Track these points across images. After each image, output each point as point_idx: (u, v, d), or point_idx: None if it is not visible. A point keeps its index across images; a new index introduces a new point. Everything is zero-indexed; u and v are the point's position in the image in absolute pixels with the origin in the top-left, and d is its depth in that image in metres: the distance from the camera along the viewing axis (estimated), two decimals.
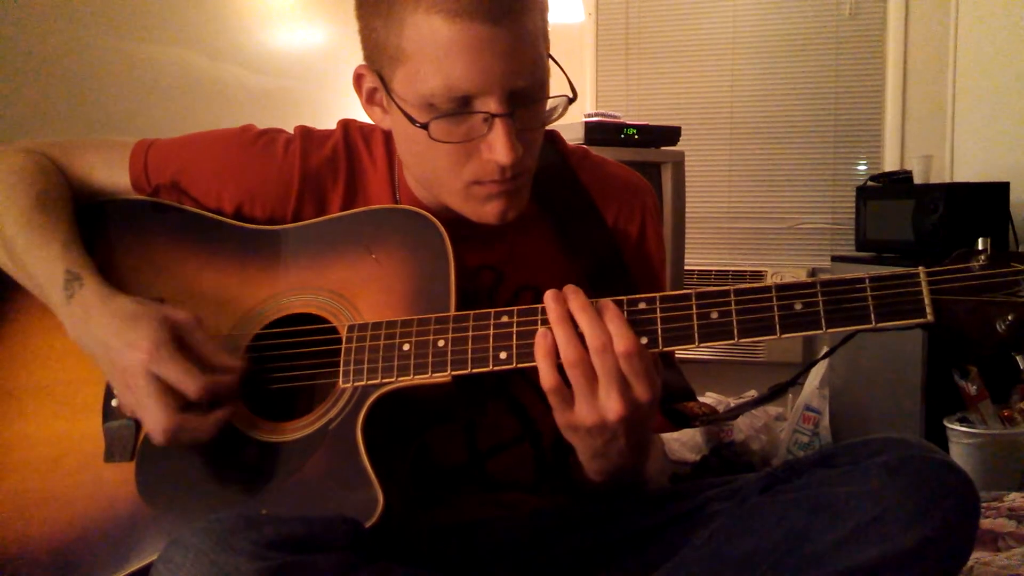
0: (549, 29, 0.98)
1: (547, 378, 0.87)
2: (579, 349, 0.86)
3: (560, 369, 0.87)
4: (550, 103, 0.97)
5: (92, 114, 2.34)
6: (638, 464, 0.97)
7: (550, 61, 0.97)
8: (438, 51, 0.88)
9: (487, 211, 0.98)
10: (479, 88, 0.90)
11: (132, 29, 2.49)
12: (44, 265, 1.01)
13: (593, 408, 0.86)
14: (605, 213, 1.11)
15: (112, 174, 1.10)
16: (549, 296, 0.89)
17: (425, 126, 0.92)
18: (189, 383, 0.91)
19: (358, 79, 1.01)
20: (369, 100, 1.02)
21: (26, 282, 1.04)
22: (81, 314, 0.98)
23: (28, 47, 2.19)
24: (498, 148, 0.91)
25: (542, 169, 1.05)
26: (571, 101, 0.97)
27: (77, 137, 1.15)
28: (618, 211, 1.12)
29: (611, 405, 0.85)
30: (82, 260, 1.01)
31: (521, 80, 0.91)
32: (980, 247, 0.82)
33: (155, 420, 0.91)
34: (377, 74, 0.97)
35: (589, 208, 1.10)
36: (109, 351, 0.95)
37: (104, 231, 1.09)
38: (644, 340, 0.87)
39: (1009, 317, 0.79)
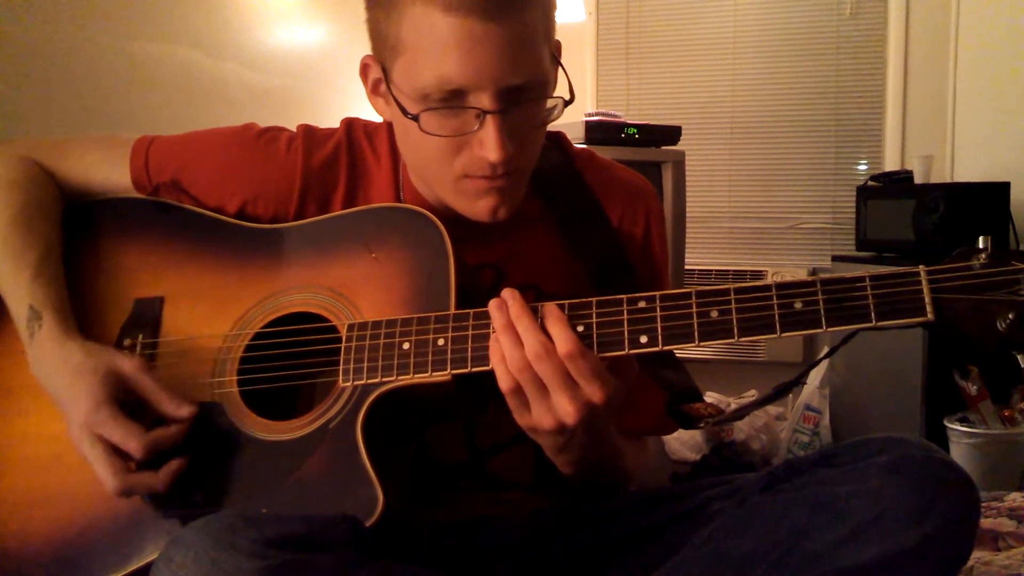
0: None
1: (502, 382, 0.88)
2: (522, 357, 0.86)
3: None
4: (551, 102, 0.96)
5: (93, 112, 2.33)
6: (604, 456, 0.98)
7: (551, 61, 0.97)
8: (434, 44, 0.89)
9: (479, 207, 0.98)
10: (471, 83, 0.89)
11: (133, 27, 2.49)
12: (12, 296, 1.01)
13: (548, 412, 0.87)
14: (610, 214, 1.11)
15: (112, 172, 1.10)
16: (492, 305, 0.90)
17: (415, 117, 0.92)
18: (130, 443, 0.92)
19: (364, 69, 1.01)
20: (374, 91, 1.02)
21: (4, 305, 1.04)
22: (39, 356, 0.99)
23: (30, 45, 2.19)
24: (488, 145, 0.91)
25: (547, 170, 1.05)
26: (567, 103, 0.97)
27: (77, 135, 1.15)
28: (622, 212, 1.12)
29: (564, 408, 0.85)
30: (45, 295, 1.01)
31: (516, 78, 0.91)
32: (981, 245, 0.82)
33: (104, 478, 0.92)
34: (381, 65, 0.97)
35: (594, 209, 1.10)
36: (58, 401, 0.96)
37: (105, 230, 1.09)
38: (644, 339, 0.87)
39: (1010, 316, 0.79)
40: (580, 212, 1.10)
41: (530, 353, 0.86)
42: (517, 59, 0.90)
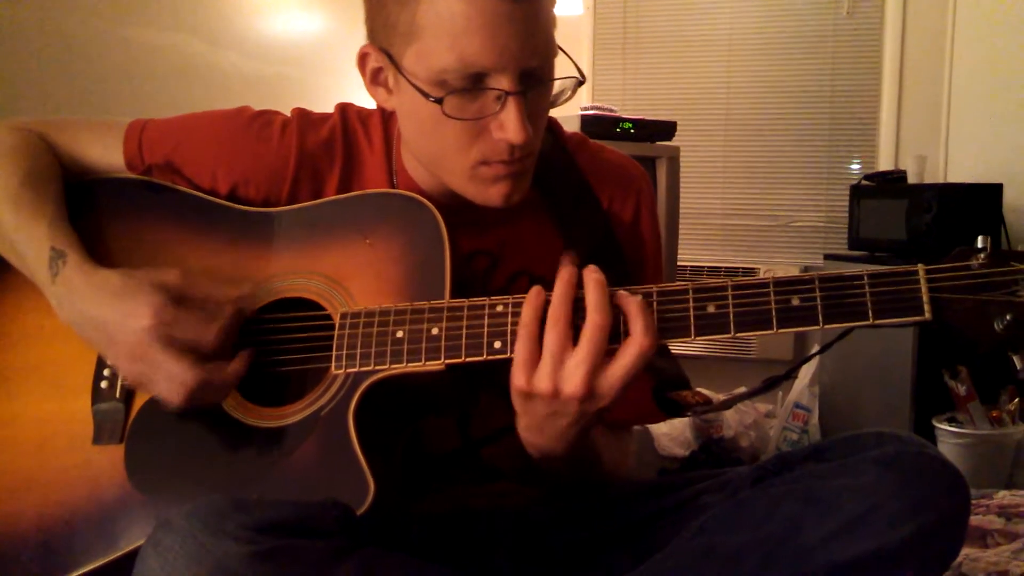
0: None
1: (526, 328, 0.86)
2: (568, 311, 0.85)
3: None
4: (560, 84, 0.97)
5: (89, 99, 2.32)
6: (572, 459, 0.94)
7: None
8: (454, 26, 0.88)
9: (492, 193, 0.97)
10: (494, 65, 0.89)
11: (131, 14, 2.48)
12: (31, 244, 1.00)
13: (553, 375, 0.84)
14: (600, 197, 1.10)
15: (106, 153, 1.10)
16: (567, 259, 0.88)
17: (440, 100, 0.91)
18: (203, 332, 0.92)
19: (362, 59, 1.00)
20: (373, 80, 1.01)
21: (16, 262, 1.03)
22: (67, 292, 0.97)
23: (27, 32, 2.17)
24: (510, 127, 0.91)
25: (541, 155, 1.04)
26: (580, 83, 0.97)
27: (72, 117, 1.14)
28: (612, 195, 1.12)
29: (574, 380, 0.84)
30: (66, 237, 1.00)
31: (534, 59, 0.91)
32: (980, 245, 0.82)
33: (180, 380, 0.91)
34: (385, 53, 0.95)
35: (585, 192, 1.09)
36: (106, 327, 0.94)
37: (95, 209, 1.08)
38: None
39: (1007, 316, 0.79)
40: (572, 197, 1.09)
41: (593, 321, 0.84)
42: (535, 40, 0.90)
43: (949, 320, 0.81)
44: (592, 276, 0.87)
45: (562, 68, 0.98)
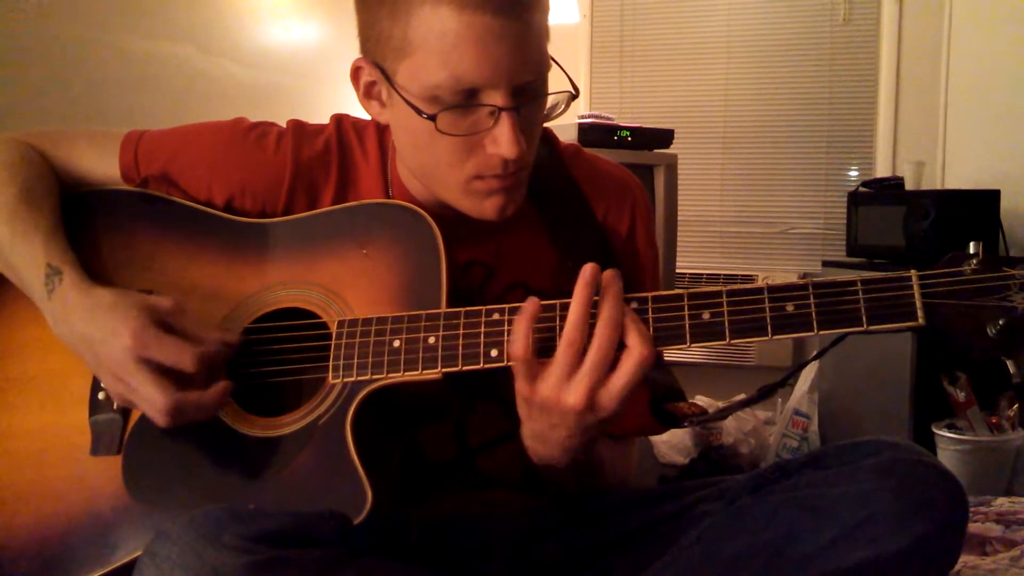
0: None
1: (518, 345, 0.86)
2: (584, 335, 0.85)
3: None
4: (553, 99, 0.97)
5: (85, 107, 2.33)
6: (574, 469, 0.94)
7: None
8: (446, 43, 0.88)
9: (487, 207, 0.98)
10: (486, 81, 0.89)
11: (127, 23, 2.49)
12: (26, 260, 1.00)
13: (557, 388, 0.85)
14: (595, 209, 1.11)
15: (102, 164, 1.10)
16: (587, 270, 0.87)
17: (433, 117, 0.91)
18: (181, 357, 0.91)
19: (356, 72, 1.00)
20: (367, 94, 1.01)
21: (11, 276, 1.03)
22: (61, 309, 0.97)
23: (23, 40, 2.18)
24: (503, 142, 0.91)
25: (536, 166, 1.05)
26: (574, 97, 0.97)
27: (68, 127, 1.15)
28: (608, 207, 1.12)
29: (576, 393, 0.84)
30: (62, 254, 1.00)
31: (527, 74, 0.91)
32: (972, 251, 0.82)
33: (154, 403, 0.90)
34: (378, 67, 0.96)
35: (580, 204, 1.10)
36: (92, 344, 0.94)
37: (91, 222, 1.08)
38: None
39: (1000, 322, 0.79)
40: (567, 208, 1.10)
41: (604, 335, 0.84)
42: (528, 55, 0.91)
43: (942, 325, 0.81)
44: (613, 286, 0.86)
45: (557, 79, 0.98)
